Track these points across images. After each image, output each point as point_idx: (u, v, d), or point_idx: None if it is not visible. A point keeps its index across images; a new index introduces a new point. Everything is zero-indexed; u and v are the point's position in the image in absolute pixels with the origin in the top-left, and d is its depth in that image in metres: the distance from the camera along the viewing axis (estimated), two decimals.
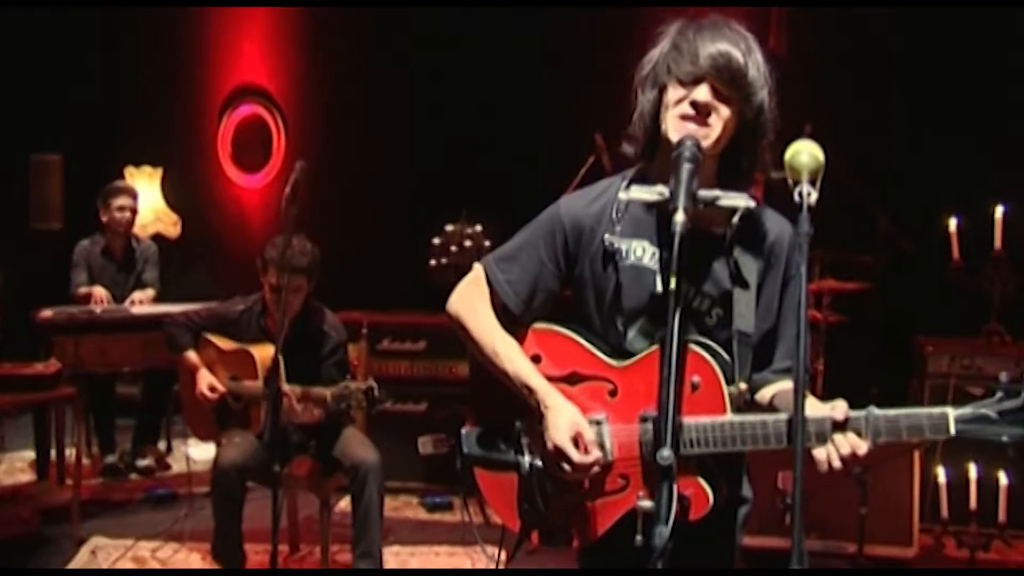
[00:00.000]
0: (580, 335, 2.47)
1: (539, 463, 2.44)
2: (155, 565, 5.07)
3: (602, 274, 2.43)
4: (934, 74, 6.62)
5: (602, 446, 2.37)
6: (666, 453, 1.99)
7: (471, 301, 2.55)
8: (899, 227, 6.02)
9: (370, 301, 6.37)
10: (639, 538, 2.13)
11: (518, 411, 2.47)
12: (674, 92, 2.30)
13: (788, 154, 2.21)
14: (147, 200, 7.56)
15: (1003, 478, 4.92)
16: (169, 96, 8.20)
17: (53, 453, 6.02)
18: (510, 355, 2.46)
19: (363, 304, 6.26)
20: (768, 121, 2.34)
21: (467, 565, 5.16)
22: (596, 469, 2.35)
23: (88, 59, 7.98)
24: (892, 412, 2.20)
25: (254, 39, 8.39)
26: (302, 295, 4.66)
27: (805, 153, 2.19)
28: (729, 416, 2.28)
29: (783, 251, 2.42)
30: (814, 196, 2.16)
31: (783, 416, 2.23)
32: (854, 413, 2.20)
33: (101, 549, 5.22)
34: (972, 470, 4.99)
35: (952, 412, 2.18)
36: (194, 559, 5.11)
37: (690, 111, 2.27)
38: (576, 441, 2.33)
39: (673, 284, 2.04)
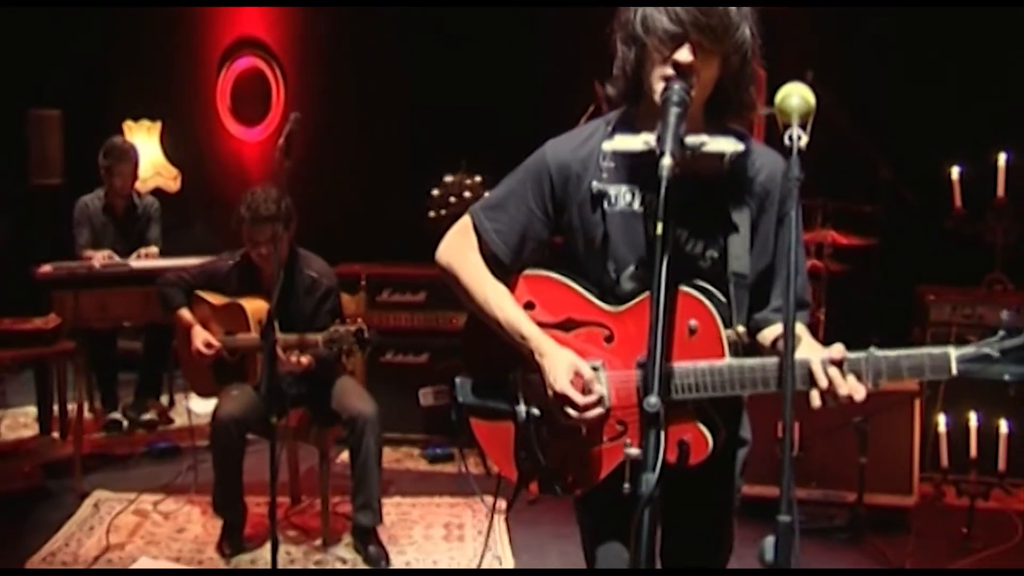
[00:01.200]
0: (573, 281, 2.44)
1: (535, 411, 2.43)
2: (157, 518, 5.10)
3: (591, 220, 2.40)
4: (936, 21, 6.54)
5: (600, 394, 2.33)
6: (653, 400, 1.97)
7: (461, 250, 2.53)
8: (900, 176, 5.97)
9: (370, 253, 6.36)
10: (627, 486, 2.12)
11: (513, 360, 2.45)
12: (655, 50, 2.24)
13: (778, 97, 2.17)
14: (146, 154, 7.50)
15: (1003, 427, 4.90)
16: (168, 50, 8.15)
17: (56, 408, 6.03)
18: (502, 303, 2.44)
19: (363, 256, 6.25)
20: (748, 60, 2.29)
21: (468, 515, 5.19)
22: (600, 409, 2.32)
23: (86, 13, 7.91)
24: (893, 353, 2.17)
25: None
26: (283, 243, 4.62)
27: (795, 96, 2.15)
28: (727, 360, 2.26)
29: (776, 188, 2.38)
30: (804, 139, 2.12)
31: (797, 359, 2.16)
32: (854, 355, 2.17)
33: (104, 502, 5.26)
34: (972, 419, 4.98)
35: (954, 352, 2.14)
36: (195, 512, 5.14)
37: (672, 72, 2.22)
38: (575, 383, 2.31)
39: (660, 230, 2.01)
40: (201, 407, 5.80)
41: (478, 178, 6.05)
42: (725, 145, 2.29)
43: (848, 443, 4.89)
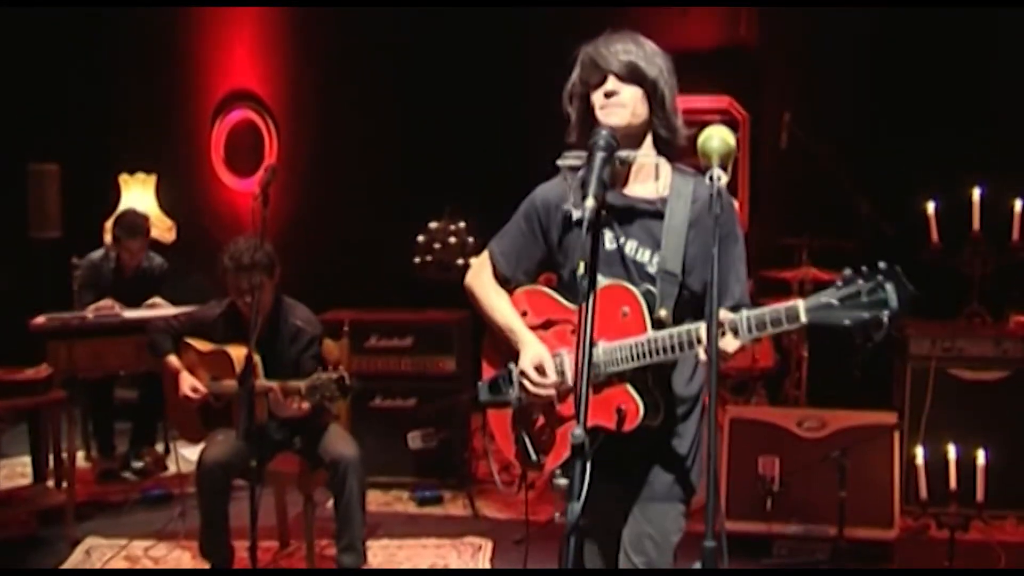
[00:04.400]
0: (555, 292, 3.02)
1: (524, 396, 2.94)
2: (148, 564, 5.17)
3: (565, 236, 2.98)
4: (911, 58, 6.67)
5: (563, 373, 2.87)
6: (578, 432, 2.08)
7: (478, 273, 3.17)
8: (878, 212, 6.07)
9: (358, 300, 6.46)
10: (557, 516, 2.21)
11: (513, 356, 2.99)
12: (593, 94, 2.86)
13: (700, 139, 2.31)
14: (142, 206, 7.63)
15: (981, 457, 4.95)
16: (162, 103, 8.30)
17: (51, 457, 6.11)
18: (501, 307, 3.07)
19: (351, 303, 6.35)
20: (665, 92, 2.83)
21: (453, 556, 5.24)
22: (552, 392, 2.87)
23: (81, 68, 8.09)
24: (757, 311, 2.56)
25: (244, 44, 8.48)
26: (266, 291, 4.72)
27: (716, 138, 2.28)
28: (648, 334, 2.70)
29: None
30: (725, 179, 2.24)
31: (686, 327, 2.64)
32: (730, 316, 2.58)
33: (95, 549, 5.32)
34: (951, 451, 5.02)
35: (802, 304, 2.48)
36: (185, 557, 5.21)
37: (605, 100, 2.83)
38: (538, 369, 2.86)
39: (581, 269, 2.17)
40: (195, 454, 5.87)
41: (462, 224, 6.14)
42: (651, 159, 2.86)
43: (827, 477, 4.92)
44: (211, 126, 8.52)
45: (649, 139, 2.88)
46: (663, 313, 2.76)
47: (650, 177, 2.87)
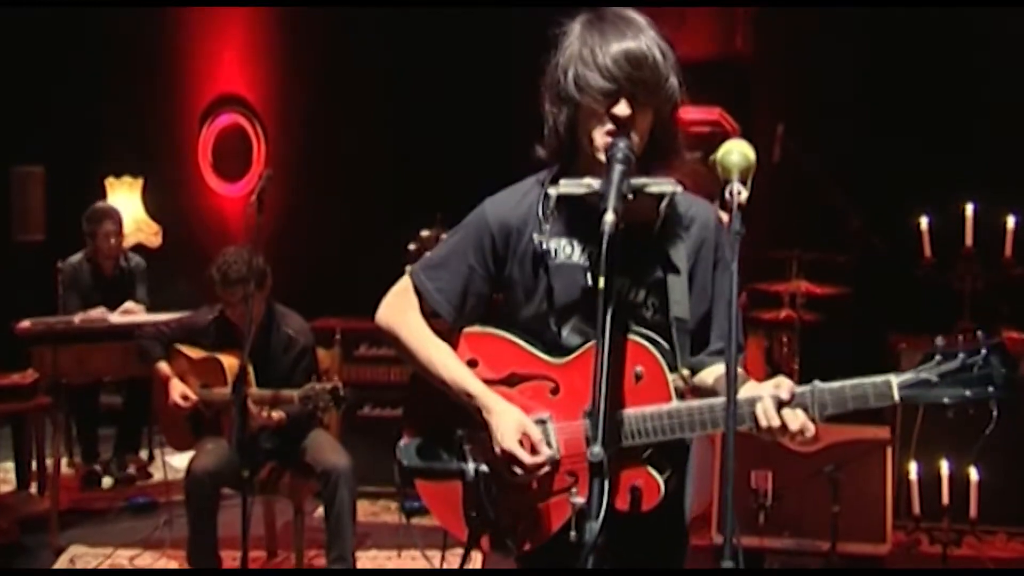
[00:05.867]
0: (515, 335, 2.46)
1: (484, 468, 2.40)
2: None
3: (532, 274, 2.43)
4: (903, 73, 6.67)
5: (548, 444, 2.36)
6: (596, 450, 2.03)
7: (401, 312, 2.54)
8: (871, 227, 6.06)
9: (348, 307, 6.39)
10: (573, 534, 2.15)
11: (458, 418, 2.45)
12: (591, 108, 2.30)
13: (719, 153, 2.22)
14: (128, 210, 7.56)
15: (974, 474, 4.94)
16: (149, 106, 8.24)
17: (34, 464, 6.03)
18: (446, 362, 2.46)
19: (341, 310, 6.29)
20: (676, 107, 2.36)
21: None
22: (546, 468, 2.34)
23: (68, 71, 8.03)
24: (836, 384, 2.20)
25: (233, 49, 8.42)
26: (257, 303, 4.65)
27: (736, 152, 2.21)
28: (674, 404, 2.30)
29: (710, 234, 2.44)
30: (744, 195, 2.18)
31: (739, 397, 2.18)
32: (799, 389, 2.22)
33: (79, 558, 5.26)
34: (944, 466, 5.02)
35: (895, 379, 2.19)
36: (171, 567, 5.14)
37: (613, 127, 2.29)
38: (523, 443, 2.33)
39: (602, 284, 2.07)
40: (180, 461, 5.81)
41: None
42: (664, 187, 2.34)
43: (820, 492, 4.90)
44: (199, 130, 8.45)
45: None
46: (685, 373, 2.36)
47: (642, 199, 2.32)
